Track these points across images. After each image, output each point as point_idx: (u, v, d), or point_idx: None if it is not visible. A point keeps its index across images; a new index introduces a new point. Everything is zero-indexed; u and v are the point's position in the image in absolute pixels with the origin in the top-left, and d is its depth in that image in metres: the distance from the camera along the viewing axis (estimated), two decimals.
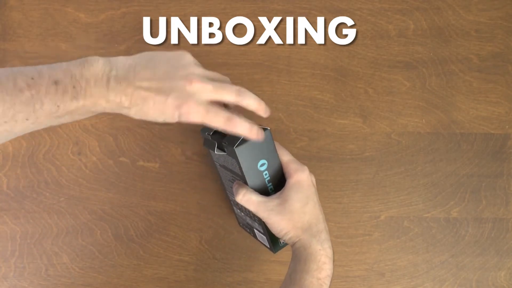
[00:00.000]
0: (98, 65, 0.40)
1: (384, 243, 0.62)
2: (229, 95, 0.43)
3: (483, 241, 0.62)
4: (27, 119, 0.38)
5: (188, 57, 0.43)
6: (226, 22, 0.63)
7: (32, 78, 0.38)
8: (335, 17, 0.63)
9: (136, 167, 0.62)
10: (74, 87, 0.39)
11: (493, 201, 0.62)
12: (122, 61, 0.41)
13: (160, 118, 0.41)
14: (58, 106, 0.38)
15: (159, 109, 0.40)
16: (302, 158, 0.62)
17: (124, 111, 0.41)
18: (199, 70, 0.43)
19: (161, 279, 0.62)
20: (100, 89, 0.39)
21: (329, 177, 0.62)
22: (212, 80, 0.43)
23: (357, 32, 0.64)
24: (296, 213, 0.48)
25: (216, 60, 0.63)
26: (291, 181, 0.50)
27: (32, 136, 0.63)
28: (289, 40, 0.63)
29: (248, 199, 0.50)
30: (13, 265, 0.62)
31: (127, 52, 0.63)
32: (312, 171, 0.62)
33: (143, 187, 0.62)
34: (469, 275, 0.62)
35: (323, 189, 0.62)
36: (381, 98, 0.63)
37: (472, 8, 0.64)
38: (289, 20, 0.63)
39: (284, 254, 0.62)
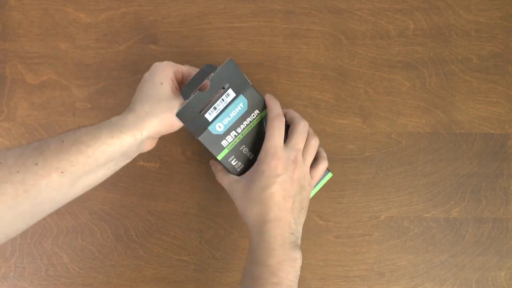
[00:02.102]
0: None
1: (384, 243, 0.62)
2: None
3: (483, 241, 0.62)
4: (36, 164, 0.39)
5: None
6: (226, 23, 0.64)
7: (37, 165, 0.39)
8: (335, 17, 0.64)
9: (136, 167, 0.62)
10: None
11: (493, 201, 0.62)
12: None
13: (162, 88, 0.45)
14: (62, 141, 0.41)
15: (153, 80, 0.45)
16: None
17: (134, 127, 0.43)
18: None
19: (161, 279, 0.62)
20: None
21: None
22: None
23: (357, 32, 0.64)
24: (251, 200, 0.46)
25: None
26: (261, 155, 0.47)
27: (32, 136, 0.63)
28: (289, 40, 0.63)
29: (220, 179, 0.50)
30: (13, 265, 0.62)
31: (127, 52, 0.63)
32: None
33: (143, 187, 0.62)
34: (469, 275, 0.62)
35: (323, 189, 0.62)
36: (381, 98, 0.63)
37: (472, 8, 0.64)
38: (290, 20, 0.63)
39: None
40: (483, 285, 0.62)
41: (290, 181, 0.46)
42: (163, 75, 0.46)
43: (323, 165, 0.51)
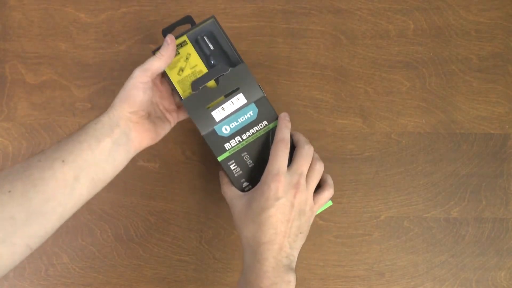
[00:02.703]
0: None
1: (384, 243, 0.62)
2: None
3: (483, 241, 0.62)
4: (39, 160, 0.42)
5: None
6: (226, 22, 0.64)
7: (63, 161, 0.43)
8: (335, 17, 0.64)
9: (136, 167, 0.62)
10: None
11: (493, 201, 0.62)
12: None
13: (133, 80, 0.48)
14: (60, 141, 0.45)
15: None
16: None
17: (111, 110, 0.48)
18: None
19: (161, 279, 0.62)
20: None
21: None
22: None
23: (357, 32, 0.64)
24: (249, 220, 0.47)
25: None
26: (263, 176, 0.47)
27: (32, 136, 0.63)
28: (289, 40, 0.63)
29: (223, 191, 0.51)
30: None
31: (127, 52, 0.63)
32: None
33: (143, 187, 0.62)
34: (469, 275, 0.62)
35: None
36: (381, 98, 0.63)
37: (472, 8, 0.64)
38: (290, 20, 0.64)
39: None
40: (483, 285, 0.62)
41: (290, 206, 0.46)
42: (134, 74, 0.49)
43: (328, 192, 0.50)
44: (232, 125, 0.51)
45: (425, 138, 0.63)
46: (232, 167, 0.51)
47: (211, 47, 0.52)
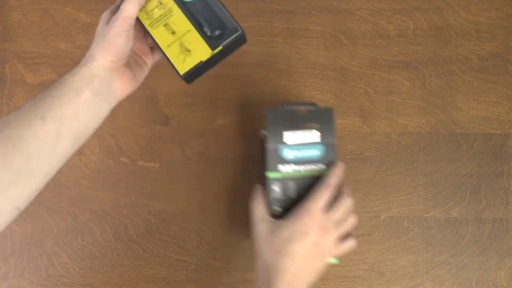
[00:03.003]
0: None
1: (384, 243, 0.62)
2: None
3: (483, 241, 0.62)
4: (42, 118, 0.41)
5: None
6: None
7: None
8: (335, 17, 0.64)
9: (136, 167, 0.62)
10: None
11: (493, 201, 0.62)
12: None
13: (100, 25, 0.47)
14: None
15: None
16: None
17: (88, 57, 0.46)
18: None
19: (161, 279, 0.62)
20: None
21: None
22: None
23: (357, 32, 0.64)
24: (272, 247, 0.47)
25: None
26: (298, 209, 0.48)
27: None
28: (289, 40, 0.63)
29: (253, 207, 0.51)
30: (13, 265, 0.62)
31: None
32: None
33: (143, 187, 0.62)
34: (469, 275, 0.62)
35: None
36: (381, 98, 0.63)
37: (472, 8, 0.64)
38: (290, 20, 0.64)
39: None
40: (483, 285, 0.62)
41: (315, 245, 0.47)
42: (99, 21, 0.48)
43: (350, 243, 0.52)
44: (297, 154, 0.52)
45: (425, 138, 0.63)
46: (274, 188, 0.52)
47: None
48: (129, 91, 0.49)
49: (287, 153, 0.52)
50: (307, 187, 0.51)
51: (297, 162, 0.52)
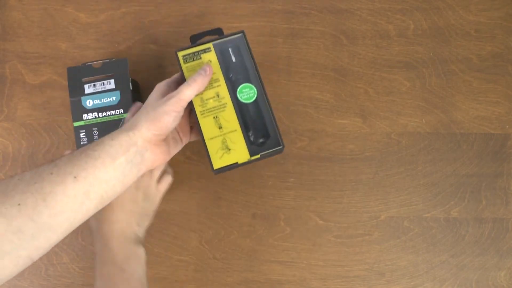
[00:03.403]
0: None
1: (384, 243, 0.62)
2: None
3: (483, 241, 0.62)
4: (51, 173, 0.41)
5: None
6: (226, 23, 0.64)
7: (52, 173, 0.41)
8: (335, 17, 0.64)
9: None
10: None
11: (493, 201, 0.62)
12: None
13: (152, 96, 0.49)
14: (72, 149, 0.46)
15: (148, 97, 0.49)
16: (302, 158, 0.62)
17: (130, 128, 0.46)
18: None
19: (161, 279, 0.62)
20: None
21: (329, 177, 0.62)
22: None
23: (357, 32, 0.64)
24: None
25: None
26: None
27: (32, 136, 0.63)
28: (289, 40, 0.63)
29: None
30: None
31: (127, 53, 0.63)
32: (312, 171, 0.62)
33: None
34: (469, 275, 0.62)
35: (323, 189, 0.62)
36: (381, 98, 0.63)
37: (472, 8, 0.64)
38: (290, 20, 0.64)
39: (284, 254, 0.62)
40: (483, 285, 0.62)
41: (135, 189, 0.51)
42: (152, 92, 0.50)
43: (167, 178, 0.55)
44: (96, 102, 0.57)
45: (425, 138, 0.63)
46: (81, 135, 0.57)
47: (233, 60, 0.53)
48: (159, 163, 0.49)
49: (88, 103, 0.57)
50: (108, 131, 0.53)
51: (97, 110, 0.57)
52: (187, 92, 0.47)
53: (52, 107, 0.63)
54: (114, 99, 0.57)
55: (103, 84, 0.57)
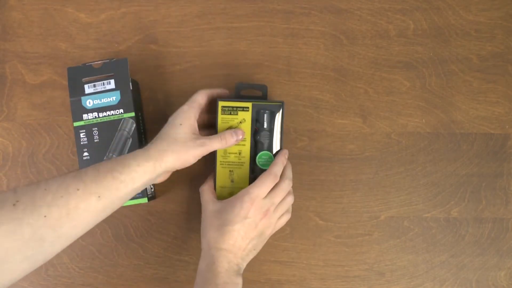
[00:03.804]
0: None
1: (384, 243, 0.62)
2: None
3: (483, 241, 0.62)
4: (77, 189, 0.44)
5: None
6: (226, 23, 0.64)
7: (78, 189, 0.44)
8: (335, 17, 0.64)
9: None
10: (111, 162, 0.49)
11: (493, 201, 0.62)
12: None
13: (181, 129, 0.52)
14: (98, 169, 0.47)
15: (172, 121, 0.53)
16: (302, 158, 0.62)
17: (158, 158, 0.50)
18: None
19: (161, 279, 0.62)
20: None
21: (329, 177, 0.62)
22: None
23: (357, 32, 0.64)
24: (214, 227, 0.52)
25: (216, 60, 0.63)
26: (243, 193, 0.53)
27: (32, 136, 0.63)
28: (289, 40, 0.63)
29: (203, 191, 0.57)
30: None
31: (127, 53, 0.63)
32: (312, 171, 0.62)
33: None
34: (469, 275, 0.62)
35: (323, 189, 0.62)
36: (381, 98, 0.63)
37: (472, 8, 0.64)
38: (290, 20, 0.64)
39: (284, 254, 0.62)
40: (483, 285, 0.62)
41: (254, 226, 0.52)
42: (183, 117, 0.53)
43: (286, 217, 0.57)
44: (96, 102, 0.58)
45: (425, 138, 0.63)
46: (81, 135, 0.58)
47: (265, 126, 0.57)
48: (162, 181, 0.56)
49: (88, 103, 0.57)
50: (108, 131, 0.57)
51: (97, 110, 0.57)
52: (216, 146, 0.53)
53: (52, 107, 0.63)
54: (114, 99, 0.58)
55: (103, 84, 0.58)
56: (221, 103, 0.56)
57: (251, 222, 0.52)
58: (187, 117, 0.53)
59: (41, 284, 0.62)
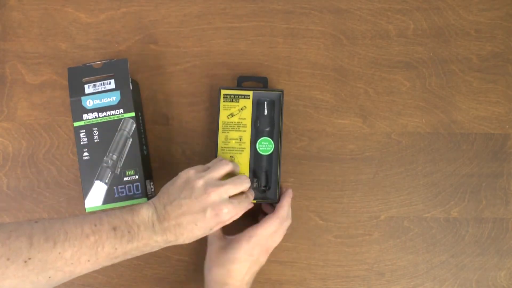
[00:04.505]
0: (143, 211, 0.48)
1: (384, 243, 0.62)
2: (241, 185, 0.52)
3: (483, 241, 0.62)
4: (88, 261, 0.45)
5: (191, 175, 0.51)
6: (226, 22, 0.64)
7: (95, 225, 0.46)
8: (335, 17, 0.64)
9: None
10: (129, 232, 0.46)
11: (493, 201, 0.62)
12: (157, 203, 0.49)
13: (209, 233, 0.51)
14: (116, 248, 0.46)
15: (203, 227, 0.49)
16: (302, 158, 0.62)
17: (174, 243, 0.49)
18: (205, 179, 0.50)
19: (161, 279, 0.62)
20: (149, 232, 0.47)
21: (329, 177, 0.62)
22: (214, 173, 0.52)
23: (357, 32, 0.64)
24: (221, 262, 0.54)
25: (216, 60, 0.63)
26: (249, 233, 0.54)
27: (32, 136, 0.63)
28: (289, 40, 0.63)
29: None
30: None
31: (127, 52, 0.63)
32: (312, 171, 0.62)
33: None
34: (469, 275, 0.62)
35: (322, 189, 0.62)
36: (381, 98, 0.63)
37: (472, 8, 0.64)
38: (290, 20, 0.64)
39: (284, 254, 0.62)
40: (483, 285, 0.62)
41: (257, 262, 0.55)
42: (217, 225, 0.51)
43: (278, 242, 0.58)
44: (96, 102, 0.58)
45: (425, 138, 0.63)
46: (81, 135, 0.58)
47: (265, 113, 0.59)
48: None
49: (88, 103, 0.57)
50: (108, 131, 0.58)
51: (97, 110, 0.57)
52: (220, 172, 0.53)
53: (52, 107, 0.63)
54: (114, 99, 0.58)
55: (103, 84, 0.57)
56: (223, 91, 0.58)
57: (255, 259, 0.54)
58: (221, 224, 0.52)
59: None
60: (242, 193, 0.53)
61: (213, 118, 0.63)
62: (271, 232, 0.55)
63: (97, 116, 0.58)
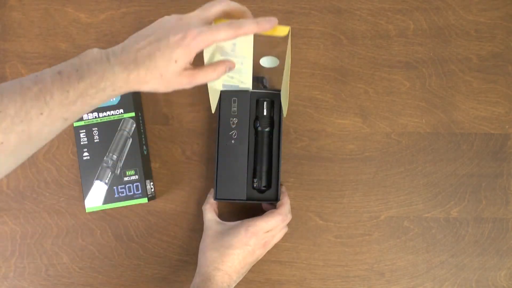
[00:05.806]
0: (93, 51, 0.41)
1: (384, 243, 0.62)
2: (239, 29, 0.45)
3: (483, 241, 0.62)
4: (41, 114, 0.39)
5: (171, 16, 0.45)
6: None
7: (36, 76, 0.40)
8: (335, 17, 0.64)
9: None
10: (77, 70, 0.40)
11: (493, 201, 0.62)
12: (115, 46, 0.43)
13: (174, 67, 0.41)
14: (67, 91, 0.39)
15: (167, 54, 0.41)
16: (302, 158, 0.62)
17: (136, 85, 0.42)
18: (185, 17, 0.45)
19: (161, 279, 0.62)
20: (103, 66, 0.40)
21: (329, 177, 0.62)
22: (198, 11, 0.46)
23: (357, 32, 0.64)
24: (215, 247, 0.54)
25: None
26: (248, 223, 0.55)
27: None
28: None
29: (206, 209, 0.58)
30: (13, 265, 0.62)
31: None
32: (312, 171, 0.62)
33: None
34: (469, 275, 0.62)
35: (322, 189, 0.62)
36: (381, 98, 0.63)
37: (472, 8, 0.64)
38: (290, 20, 0.63)
39: (284, 254, 0.62)
40: (483, 285, 0.62)
41: (252, 253, 0.55)
42: (183, 53, 0.42)
43: (284, 231, 0.59)
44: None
45: (425, 138, 0.63)
46: (81, 135, 0.58)
47: (265, 113, 0.59)
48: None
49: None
50: (108, 131, 0.58)
51: (97, 110, 0.58)
52: (208, 78, 0.46)
53: None
54: (114, 99, 0.58)
55: None
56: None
57: (250, 250, 0.54)
58: (187, 53, 0.42)
59: (41, 284, 0.62)
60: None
61: (213, 118, 0.63)
62: (271, 226, 0.55)
63: (97, 116, 0.58)
